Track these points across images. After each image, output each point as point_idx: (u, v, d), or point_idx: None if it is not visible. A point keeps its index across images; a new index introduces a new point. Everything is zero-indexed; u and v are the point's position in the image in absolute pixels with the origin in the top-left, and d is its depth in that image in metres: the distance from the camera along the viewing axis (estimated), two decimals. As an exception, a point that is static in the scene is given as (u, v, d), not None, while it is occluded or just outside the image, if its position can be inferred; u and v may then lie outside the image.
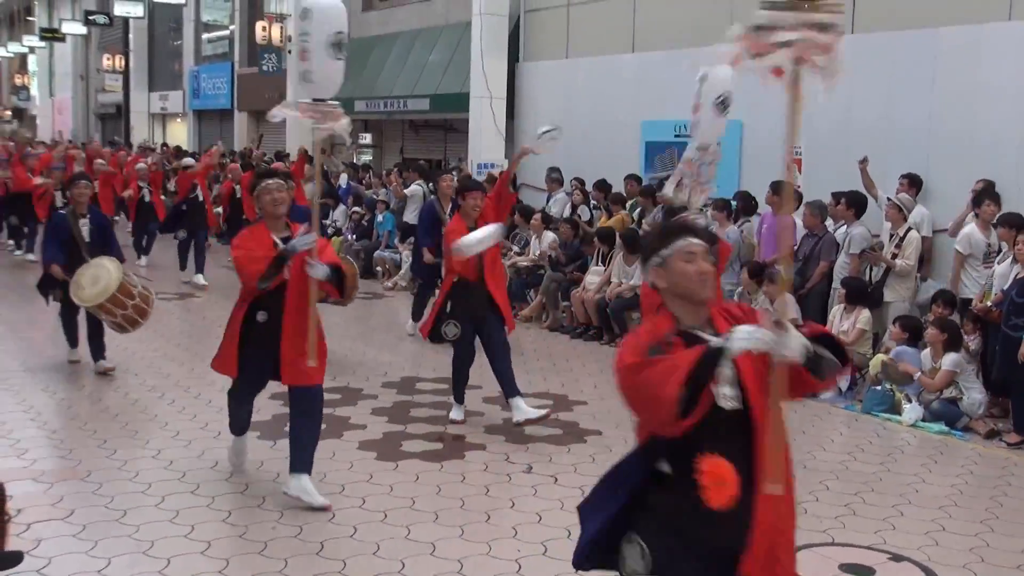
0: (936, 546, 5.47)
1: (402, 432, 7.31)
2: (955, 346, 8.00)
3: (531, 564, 5.03)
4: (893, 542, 5.49)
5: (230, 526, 5.46)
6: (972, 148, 9.68)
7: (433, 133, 19.58)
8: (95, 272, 8.23)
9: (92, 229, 8.80)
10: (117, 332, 8.59)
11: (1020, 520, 5.96)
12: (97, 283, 8.13)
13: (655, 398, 2.78)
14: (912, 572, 5.16)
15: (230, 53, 27.71)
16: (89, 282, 8.15)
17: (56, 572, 4.77)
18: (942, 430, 7.75)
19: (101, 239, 8.81)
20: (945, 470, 6.90)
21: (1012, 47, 9.44)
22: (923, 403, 8.00)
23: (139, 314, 8.29)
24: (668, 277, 3.07)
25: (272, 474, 6.23)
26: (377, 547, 5.18)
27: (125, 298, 8.14)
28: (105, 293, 8.05)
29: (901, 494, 6.32)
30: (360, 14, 21.24)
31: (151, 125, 33.31)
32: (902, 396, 8.09)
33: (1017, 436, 7.51)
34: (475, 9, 15.78)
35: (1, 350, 9.79)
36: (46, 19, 41.00)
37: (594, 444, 7.16)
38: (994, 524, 5.86)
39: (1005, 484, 6.65)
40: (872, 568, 5.12)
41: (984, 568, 5.20)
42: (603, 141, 14.21)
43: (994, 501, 6.29)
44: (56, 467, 6.39)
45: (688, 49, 12.88)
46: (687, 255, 3.05)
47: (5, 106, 49.86)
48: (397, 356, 9.81)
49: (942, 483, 6.60)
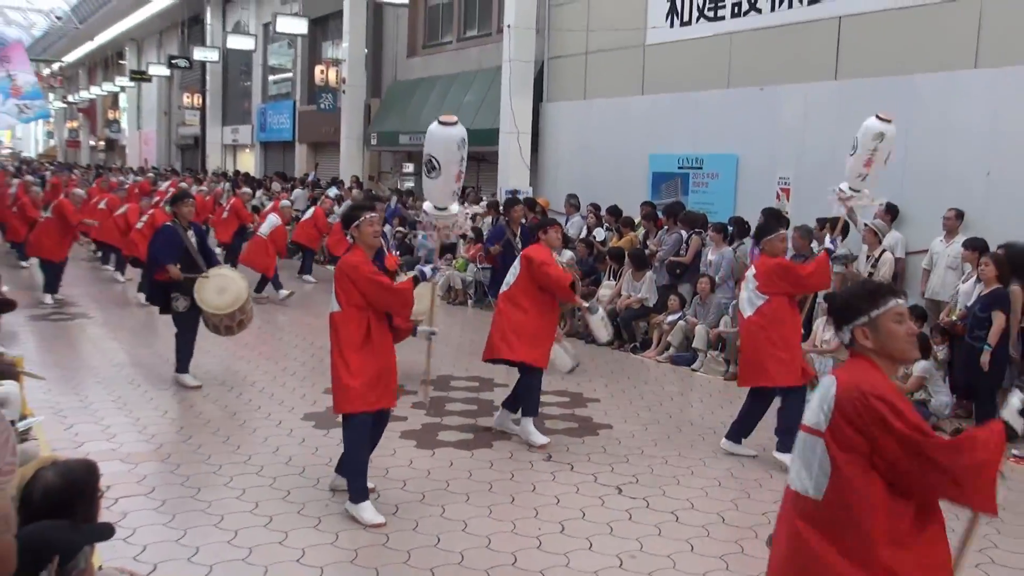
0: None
1: (438, 424, 7.32)
2: (924, 355, 7.96)
3: (550, 540, 5.03)
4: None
5: (289, 503, 5.49)
6: (942, 180, 9.62)
7: (467, 163, 19.64)
8: (219, 282, 7.91)
9: (196, 241, 8.39)
10: (220, 335, 8.29)
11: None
12: (224, 292, 7.84)
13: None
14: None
15: (292, 92, 27.91)
16: (215, 291, 7.83)
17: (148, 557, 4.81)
18: (913, 428, 7.66)
19: (203, 250, 8.38)
20: (916, 464, 6.81)
21: (978, 92, 9.38)
22: (896, 404, 7.92)
23: (247, 320, 8.14)
24: (876, 338, 2.80)
25: (325, 458, 6.26)
26: (416, 524, 5.19)
27: (247, 306, 8.00)
28: (237, 302, 7.80)
29: (876, 484, 6.25)
30: (406, 60, 21.38)
31: (223, 155, 33.58)
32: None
33: (980, 435, 7.43)
34: (505, 56, 15.86)
35: (101, 348, 9.90)
36: (135, 62, 41.56)
37: (605, 437, 7.14)
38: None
39: (969, 477, 6.56)
40: (850, 549, 5.07)
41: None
42: (615, 171, 14.22)
43: (959, 492, 6.20)
44: (154, 471, 6.44)
45: (691, 92, 12.91)
46: (897, 316, 2.80)
47: (99, 137, 50.48)
48: (434, 357, 9.80)
49: (913, 475, 6.51)
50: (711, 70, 12.57)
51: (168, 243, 8.14)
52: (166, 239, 8.20)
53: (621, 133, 14.25)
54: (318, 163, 25.53)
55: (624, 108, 14.23)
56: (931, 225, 9.35)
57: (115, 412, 7.30)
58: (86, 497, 2.73)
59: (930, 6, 9.85)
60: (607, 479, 6.09)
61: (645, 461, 6.53)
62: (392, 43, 22.03)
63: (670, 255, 10.98)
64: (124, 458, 6.14)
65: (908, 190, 9.93)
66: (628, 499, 5.73)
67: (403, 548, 4.84)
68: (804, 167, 11.24)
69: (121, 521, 4.91)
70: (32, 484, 2.68)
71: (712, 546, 5.05)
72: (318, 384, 8.32)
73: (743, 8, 12.14)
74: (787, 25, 11.51)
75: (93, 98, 48.42)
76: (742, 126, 12.04)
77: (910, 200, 9.87)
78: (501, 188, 15.93)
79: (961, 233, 8.97)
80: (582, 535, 5.12)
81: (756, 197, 10.95)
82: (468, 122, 17.59)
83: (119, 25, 39.04)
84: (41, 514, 2.59)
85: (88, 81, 50.62)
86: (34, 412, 6.36)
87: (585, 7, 15.04)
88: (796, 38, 11.40)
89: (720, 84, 12.43)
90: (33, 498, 2.66)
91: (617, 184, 13.92)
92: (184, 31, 35.32)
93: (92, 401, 7.59)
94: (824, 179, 10.59)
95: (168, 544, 4.78)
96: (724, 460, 6.64)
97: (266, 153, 30.36)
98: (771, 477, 6.25)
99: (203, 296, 7.80)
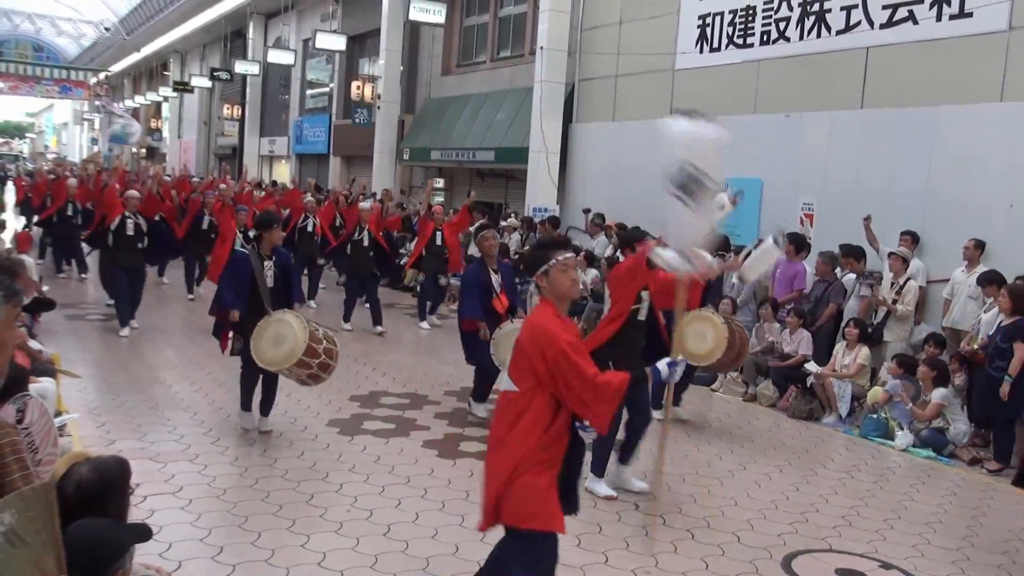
0: (922, 557, 5.34)
1: (460, 434, 7.31)
2: (944, 382, 7.88)
3: (567, 553, 4.93)
4: (884, 552, 5.37)
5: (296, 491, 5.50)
6: (964, 211, 9.52)
7: (496, 180, 19.67)
8: (278, 330, 6.51)
9: (276, 273, 6.97)
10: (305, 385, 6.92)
11: (998, 538, 5.80)
12: (281, 344, 6.46)
13: None
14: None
15: (328, 107, 28.12)
16: (271, 343, 6.48)
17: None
18: (930, 456, 7.59)
19: (283, 282, 7.03)
20: (932, 491, 6.75)
21: (1002, 124, 9.29)
22: (914, 431, 7.85)
23: (323, 370, 6.58)
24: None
25: (348, 464, 6.27)
26: (435, 531, 5.18)
27: (311, 358, 6.45)
28: (291, 358, 6.41)
29: (892, 510, 6.18)
30: (440, 77, 21.49)
31: (260, 165, 33.88)
32: (895, 424, 7.95)
33: (997, 464, 7.34)
34: (536, 77, 15.91)
35: (135, 348, 10.00)
36: (179, 73, 42.08)
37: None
38: (974, 540, 5.71)
39: (985, 506, 6.48)
40: (864, 574, 5.01)
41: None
42: (642, 192, 14.16)
43: (975, 520, 6.13)
44: (183, 471, 6.48)
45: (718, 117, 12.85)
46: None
47: (141, 144, 51.09)
48: (458, 369, 9.82)
49: (929, 502, 6.45)
50: (738, 96, 12.54)
51: (235, 275, 6.92)
52: (234, 271, 6.97)
53: (648, 155, 14.18)
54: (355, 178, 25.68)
55: (652, 130, 14.12)
56: (952, 254, 9.24)
57: (146, 412, 7.36)
58: (118, 493, 2.74)
59: (957, 39, 9.77)
60: (624, 495, 6.05)
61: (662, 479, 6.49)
62: (427, 61, 22.17)
63: (693, 276, 10.92)
64: (154, 457, 6.18)
65: (930, 219, 9.84)
66: (645, 515, 5.69)
67: (422, 555, 4.83)
68: (828, 193, 11.17)
69: (148, 519, 4.94)
70: (66, 478, 2.70)
71: (726, 565, 5.00)
72: (344, 391, 8.35)
73: (772, 36, 12.12)
74: (815, 54, 11.47)
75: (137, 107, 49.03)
76: (767, 151, 11.99)
77: (932, 229, 9.78)
78: (529, 206, 15.97)
79: (982, 263, 8.87)
80: (598, 549, 5.09)
81: (780, 221, 10.88)
82: (498, 140, 17.83)
83: (164, 38, 39.64)
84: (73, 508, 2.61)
85: (133, 90, 51.28)
86: (68, 409, 6.44)
87: (616, 31, 15.06)
88: (823, 67, 11.35)
89: (747, 109, 12.39)
90: (67, 492, 2.68)
91: (644, 205, 13.87)
92: (227, 45, 35.71)
93: (125, 400, 7.66)
94: (847, 206, 10.57)
95: (193, 543, 4.80)
96: (741, 480, 6.59)
97: (301, 164, 30.58)
98: (787, 499, 6.19)
99: (258, 345, 6.53)
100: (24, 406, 2.49)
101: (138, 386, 8.21)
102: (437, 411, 7.97)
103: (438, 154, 19.85)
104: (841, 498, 6.32)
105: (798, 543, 5.39)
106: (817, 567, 5.07)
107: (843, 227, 10.31)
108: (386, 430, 7.26)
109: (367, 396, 8.34)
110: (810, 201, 11.40)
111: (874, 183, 10.53)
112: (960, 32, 9.74)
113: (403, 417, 7.66)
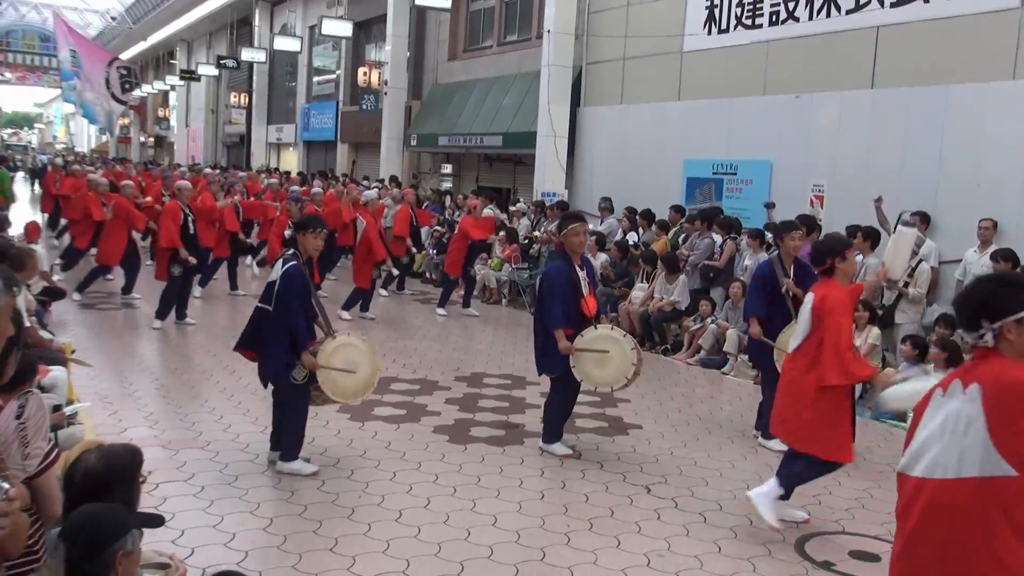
0: (936, 539, 5.31)
1: (471, 420, 7.30)
2: (955, 363, 7.82)
3: (578, 537, 4.99)
4: (897, 534, 5.34)
5: (323, 492, 5.50)
6: (976, 191, 9.44)
7: (504, 166, 19.62)
8: (347, 355, 5.77)
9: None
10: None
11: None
12: (358, 370, 5.81)
13: None
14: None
15: (335, 93, 28.07)
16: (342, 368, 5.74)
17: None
18: (943, 437, 7.54)
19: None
20: (945, 472, 6.70)
21: (1015, 102, 9.20)
22: (926, 413, 7.80)
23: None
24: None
25: (359, 450, 6.28)
26: (447, 517, 5.17)
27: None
28: (368, 388, 5.89)
29: (905, 492, 6.15)
30: (446, 63, 21.41)
31: (268, 153, 33.87)
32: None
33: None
34: (543, 61, 15.82)
35: (147, 337, 10.01)
36: (185, 62, 42.07)
37: (635, 436, 7.09)
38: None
39: (999, 487, 6.43)
40: (878, 555, 4.98)
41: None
42: (650, 175, 14.13)
43: (989, 502, 6.08)
44: (195, 458, 6.49)
45: (726, 99, 12.79)
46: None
47: (149, 133, 51.16)
48: (468, 355, 9.82)
49: (942, 484, 6.40)
50: (747, 77, 12.45)
51: (300, 294, 5.67)
52: (297, 291, 5.66)
53: (657, 138, 14.16)
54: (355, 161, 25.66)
55: (660, 113, 14.14)
56: (965, 235, 9.18)
57: (158, 400, 7.38)
58: (125, 481, 2.74)
59: (968, 17, 9.67)
60: (636, 479, 6.04)
61: (674, 462, 6.47)
62: (433, 47, 22.09)
63: (702, 259, 10.88)
64: (165, 445, 6.19)
65: (942, 199, 9.77)
66: (657, 499, 5.68)
67: (434, 540, 4.82)
68: (838, 174, 11.10)
69: (161, 506, 4.95)
70: (74, 466, 2.70)
71: (739, 548, 4.98)
72: (354, 378, 8.35)
73: (781, 16, 12.01)
74: (824, 34, 11.37)
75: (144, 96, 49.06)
76: (777, 133, 11.92)
77: (944, 209, 9.71)
78: (537, 191, 15.92)
79: (995, 243, 8.80)
80: (610, 533, 5.08)
81: (790, 203, 10.81)
82: (506, 125, 17.77)
83: (171, 26, 39.57)
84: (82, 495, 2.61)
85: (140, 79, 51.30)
86: (80, 397, 6.45)
87: (624, 14, 14.96)
88: (833, 47, 11.25)
89: (756, 91, 12.31)
90: (75, 480, 2.69)
91: (652, 189, 13.83)
92: (233, 32, 35.67)
93: (136, 389, 7.68)
94: (858, 187, 10.50)
95: (206, 529, 4.81)
96: (753, 463, 6.56)
97: (309, 152, 30.57)
98: (799, 481, 6.17)
99: (329, 382, 5.69)
100: (26, 401, 2.52)
101: (149, 374, 8.23)
102: (448, 397, 7.97)
103: (446, 140, 19.80)
104: (854, 480, 6.29)
105: (811, 525, 5.37)
106: (830, 549, 5.04)
107: (854, 208, 10.24)
108: (397, 416, 7.26)
109: (378, 382, 8.32)
110: (820, 183, 11.34)
111: (885, 164, 10.45)
112: (971, 10, 9.64)
113: (414, 403, 7.66)
